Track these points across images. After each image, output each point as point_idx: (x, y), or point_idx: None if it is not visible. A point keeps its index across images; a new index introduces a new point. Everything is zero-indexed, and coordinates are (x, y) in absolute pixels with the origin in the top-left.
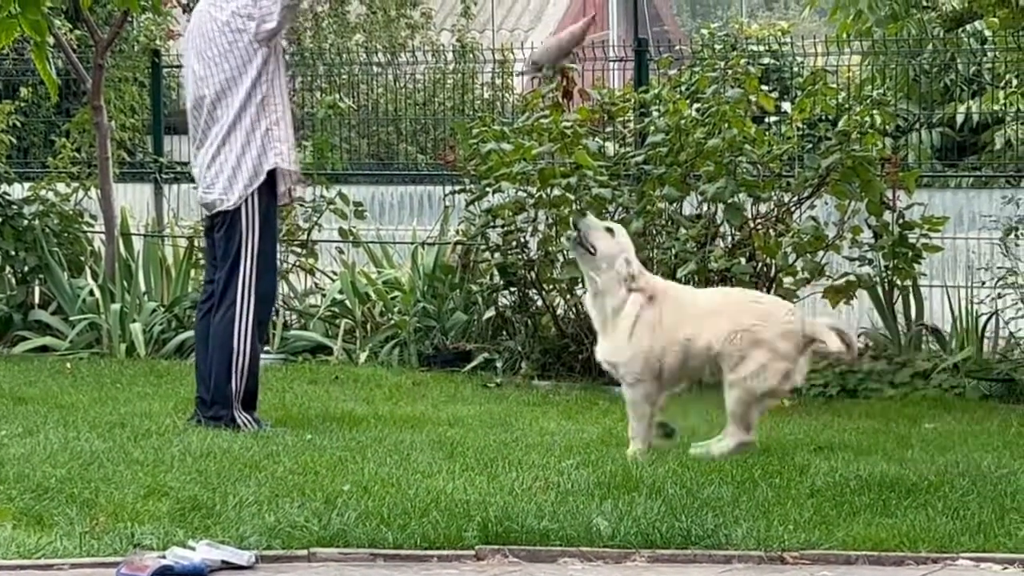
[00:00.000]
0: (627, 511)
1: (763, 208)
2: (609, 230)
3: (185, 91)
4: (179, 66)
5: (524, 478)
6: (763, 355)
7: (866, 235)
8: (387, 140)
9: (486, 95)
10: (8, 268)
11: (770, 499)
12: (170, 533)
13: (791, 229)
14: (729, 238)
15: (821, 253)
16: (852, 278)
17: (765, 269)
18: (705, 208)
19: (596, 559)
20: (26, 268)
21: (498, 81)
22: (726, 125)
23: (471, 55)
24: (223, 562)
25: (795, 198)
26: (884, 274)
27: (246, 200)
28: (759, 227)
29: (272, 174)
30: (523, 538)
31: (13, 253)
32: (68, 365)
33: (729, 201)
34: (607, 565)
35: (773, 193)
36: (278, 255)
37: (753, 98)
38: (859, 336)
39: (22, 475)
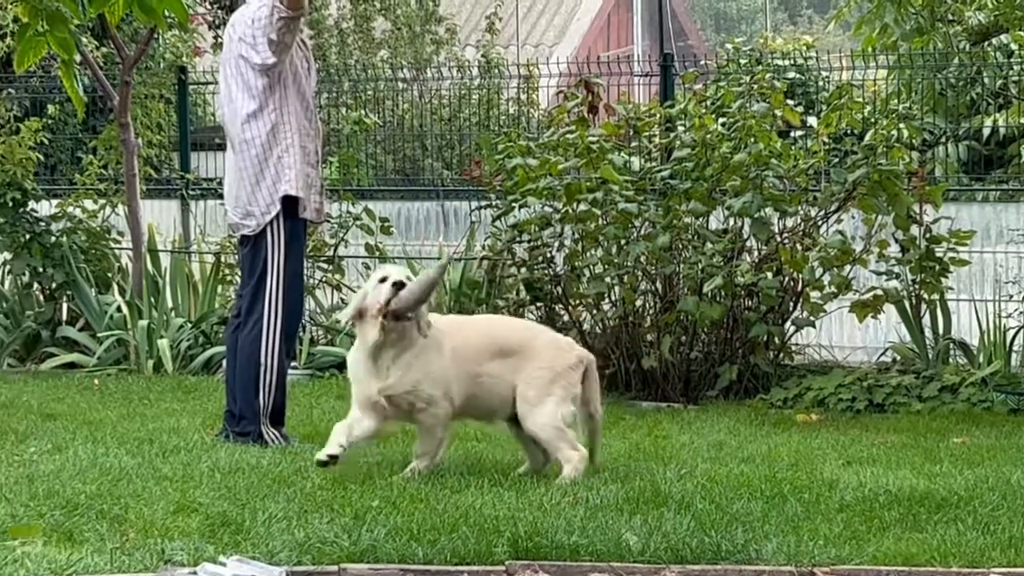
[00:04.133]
0: (656, 526)
1: (790, 222)
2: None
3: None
4: (206, 83)
5: (553, 493)
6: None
7: (893, 249)
8: (412, 156)
9: (511, 110)
10: (36, 285)
11: (799, 514)
12: (200, 549)
13: (818, 243)
14: (756, 252)
15: (848, 267)
16: (879, 292)
17: (792, 283)
18: (731, 223)
19: (626, 574)
20: (54, 285)
21: (523, 96)
22: (752, 139)
23: (496, 71)
24: None
25: (822, 212)
26: (911, 288)
27: (275, 220)
28: (786, 241)
29: (294, 197)
30: (553, 553)
31: (41, 270)
32: (96, 381)
33: (756, 215)
34: None
35: (800, 207)
36: (304, 271)
37: (779, 112)
38: (886, 351)
39: (52, 491)
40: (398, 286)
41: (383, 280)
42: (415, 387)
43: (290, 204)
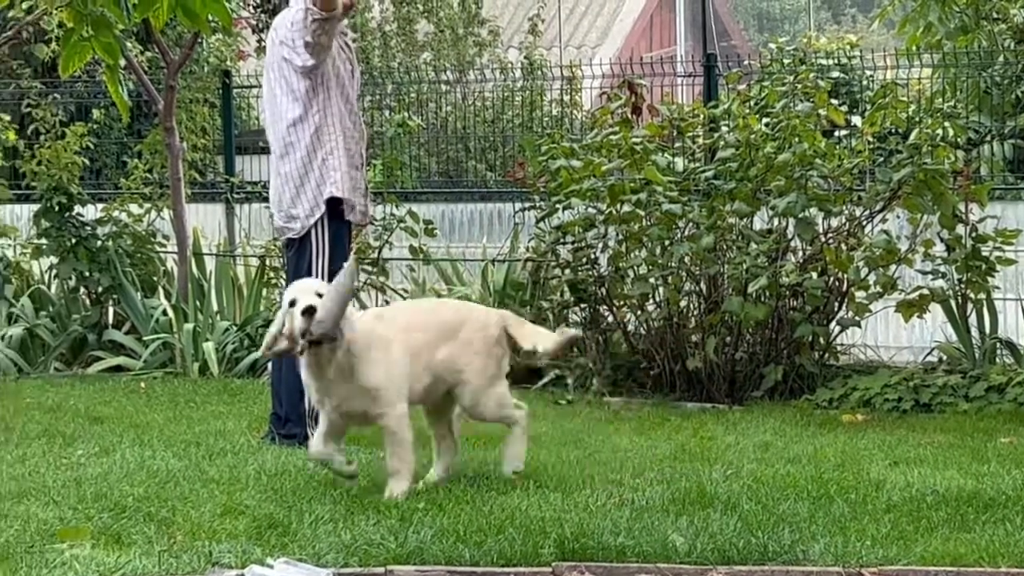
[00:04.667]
0: (703, 527)
1: (834, 222)
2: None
3: None
4: (249, 86)
5: (598, 495)
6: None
7: (939, 248)
8: (456, 158)
9: (554, 112)
10: (83, 289)
11: (846, 515)
12: (247, 551)
13: (863, 243)
14: (800, 253)
15: (893, 267)
16: (925, 292)
17: (837, 283)
18: (776, 223)
19: (673, 575)
20: (100, 288)
21: (566, 98)
22: (796, 139)
23: (539, 72)
24: None
25: (867, 212)
26: (957, 287)
27: (318, 224)
28: (831, 241)
29: (338, 199)
30: (599, 555)
31: (87, 274)
32: (142, 385)
33: (800, 215)
34: None
35: (844, 207)
36: None
37: (823, 112)
38: (932, 350)
39: (100, 494)
40: (309, 312)
41: (293, 304)
42: (365, 396)
43: (335, 206)
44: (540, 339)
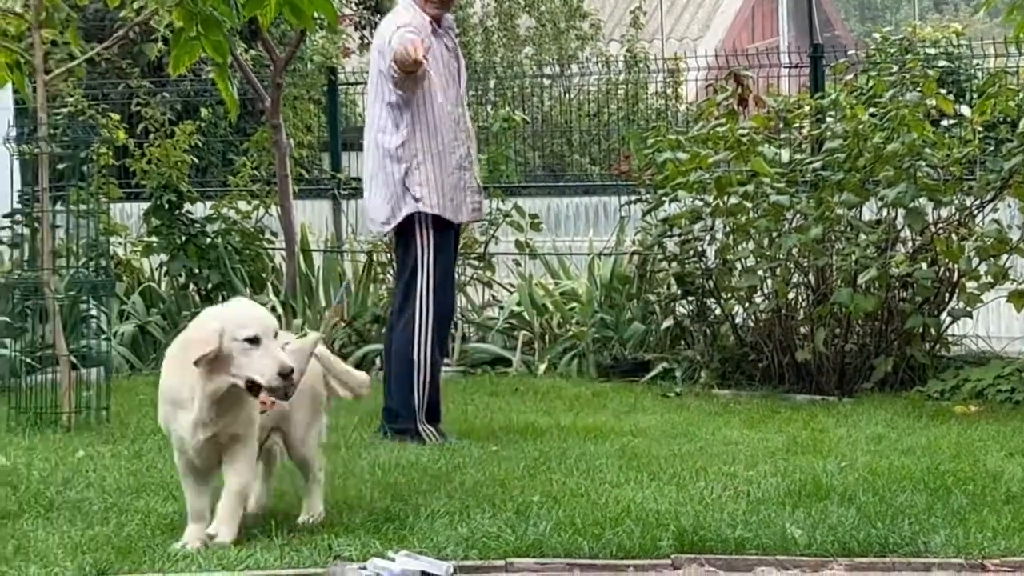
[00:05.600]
0: (821, 519)
1: (944, 212)
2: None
3: None
4: (354, 83)
5: (713, 487)
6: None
7: None
8: (558, 152)
9: (656, 105)
10: (192, 286)
11: (965, 506)
12: (367, 544)
13: (974, 233)
14: (910, 243)
15: (1005, 256)
16: None
17: (948, 274)
18: (885, 213)
19: (793, 568)
20: (209, 285)
21: (668, 90)
22: (905, 129)
23: (641, 65)
24: (423, 573)
25: (977, 201)
26: None
27: (420, 218)
28: (941, 231)
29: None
30: (718, 547)
31: (197, 271)
32: None
33: (910, 206)
34: (804, 574)
35: (955, 197)
36: (455, 268)
37: (931, 101)
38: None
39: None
40: (288, 376)
41: (255, 342)
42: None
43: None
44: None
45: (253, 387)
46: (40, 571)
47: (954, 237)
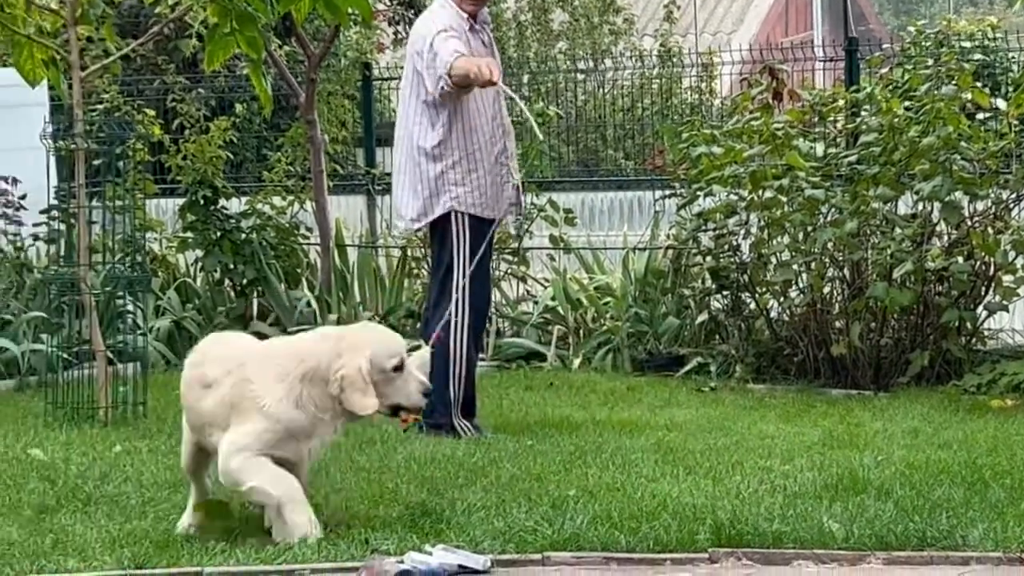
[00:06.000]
0: (858, 513)
1: (980, 206)
2: None
3: None
4: (389, 78)
5: (749, 481)
6: None
7: None
8: (593, 147)
9: (690, 99)
10: (227, 281)
11: (1003, 500)
12: (404, 538)
13: (1010, 226)
14: (946, 237)
15: None
16: None
17: (984, 267)
18: (921, 207)
19: (830, 561)
20: (245, 281)
21: (702, 85)
22: (941, 123)
23: (674, 59)
24: (460, 566)
25: (1013, 195)
26: None
27: (456, 214)
28: (977, 225)
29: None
30: (755, 541)
31: (232, 266)
32: None
33: (946, 199)
34: (842, 568)
35: (991, 190)
36: (491, 263)
37: (967, 95)
38: None
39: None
40: (428, 394)
41: (398, 369)
42: None
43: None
44: None
45: (396, 410)
46: (78, 565)
47: (990, 231)
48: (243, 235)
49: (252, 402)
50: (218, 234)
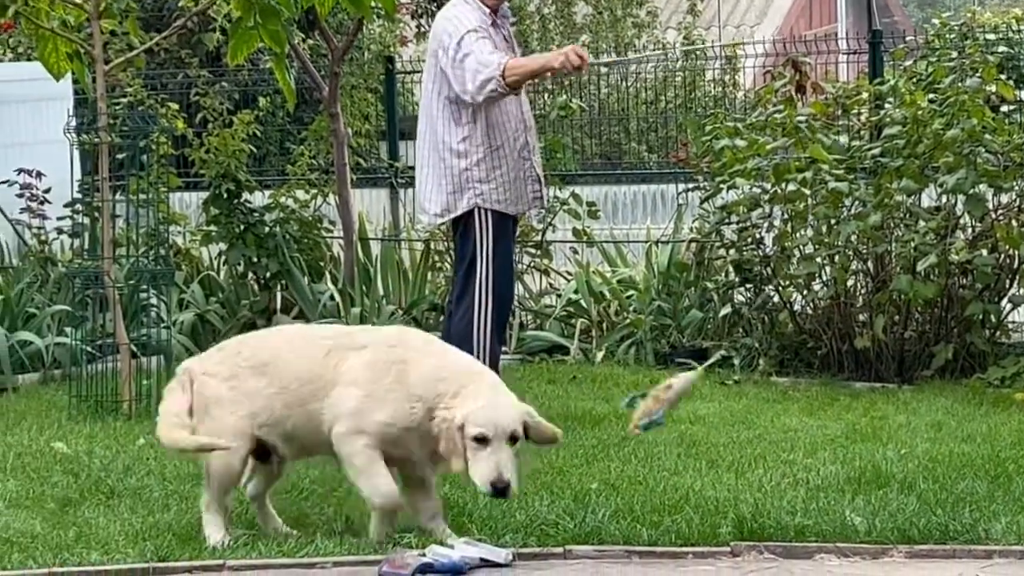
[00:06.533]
0: (880, 507)
1: (1004, 198)
2: None
3: None
4: (412, 71)
5: (772, 475)
6: None
7: None
8: (616, 140)
9: (714, 92)
10: (251, 274)
11: None
12: (425, 532)
13: None
14: (970, 230)
15: None
16: None
17: (1008, 260)
18: (945, 200)
19: (853, 555)
20: (268, 274)
21: (726, 78)
22: (965, 115)
23: (698, 52)
24: (481, 560)
25: None
26: None
27: (480, 209)
28: (1001, 218)
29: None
30: (778, 534)
31: (256, 259)
32: None
33: (970, 192)
34: (864, 561)
35: (1015, 183)
36: (514, 257)
37: (991, 88)
38: None
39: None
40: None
41: (484, 442)
42: None
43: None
44: None
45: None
46: (101, 557)
47: (1014, 223)
48: (266, 228)
49: None
50: (241, 227)
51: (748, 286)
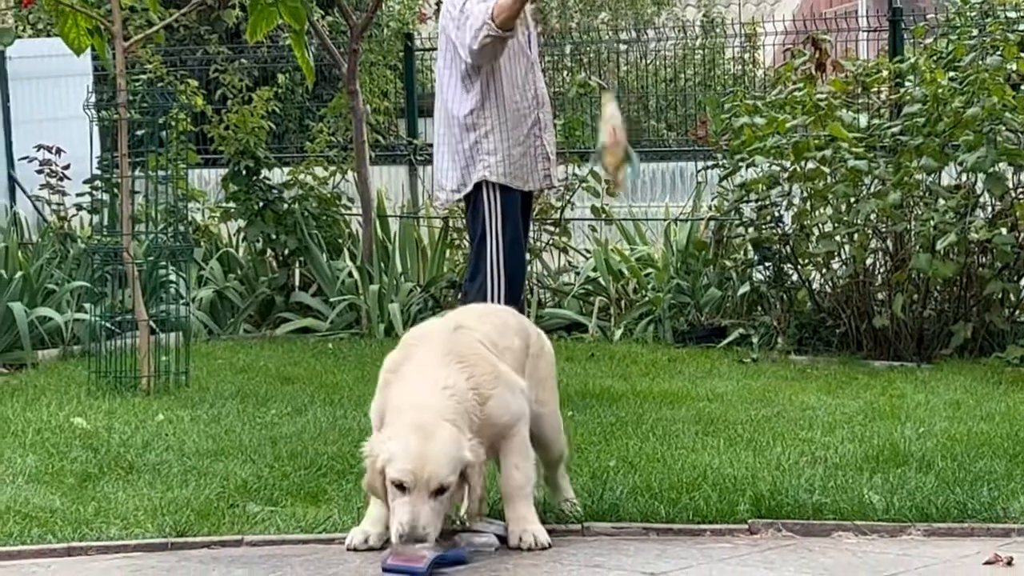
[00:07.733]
0: (899, 485)
1: None
2: None
3: None
4: (431, 48)
5: (790, 453)
6: None
7: None
8: (635, 117)
9: (733, 69)
10: (270, 251)
11: None
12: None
13: None
14: (990, 208)
15: None
16: None
17: None
18: (964, 178)
19: (871, 533)
20: (287, 251)
21: (745, 55)
22: (985, 93)
23: (718, 30)
24: (497, 536)
25: None
26: None
27: (487, 185)
28: (1021, 196)
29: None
30: (796, 512)
31: (274, 236)
32: (330, 345)
33: (990, 170)
34: (882, 539)
35: None
36: (526, 235)
37: (1012, 66)
38: None
39: (295, 452)
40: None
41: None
42: None
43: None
44: None
45: None
46: (120, 532)
47: None
48: (285, 205)
49: None
50: (260, 204)
51: (767, 264)
